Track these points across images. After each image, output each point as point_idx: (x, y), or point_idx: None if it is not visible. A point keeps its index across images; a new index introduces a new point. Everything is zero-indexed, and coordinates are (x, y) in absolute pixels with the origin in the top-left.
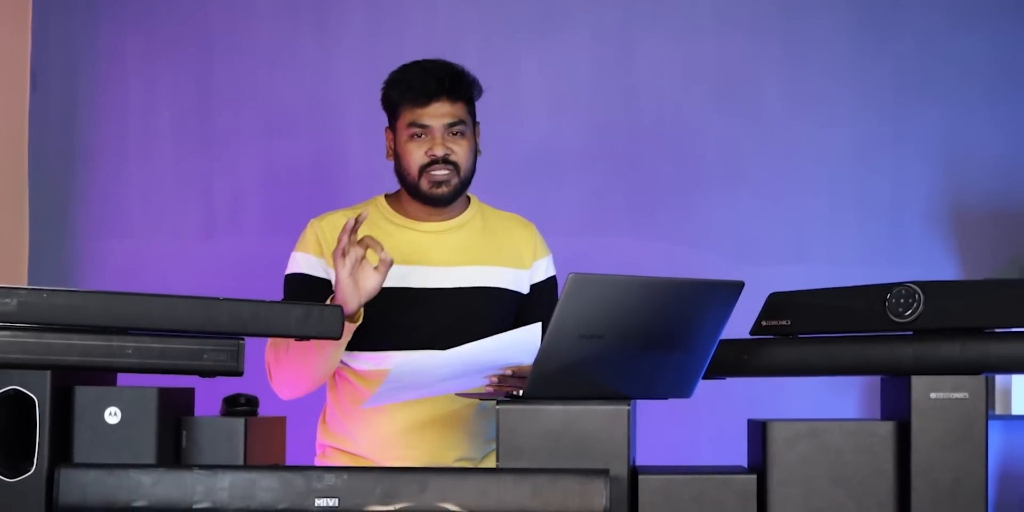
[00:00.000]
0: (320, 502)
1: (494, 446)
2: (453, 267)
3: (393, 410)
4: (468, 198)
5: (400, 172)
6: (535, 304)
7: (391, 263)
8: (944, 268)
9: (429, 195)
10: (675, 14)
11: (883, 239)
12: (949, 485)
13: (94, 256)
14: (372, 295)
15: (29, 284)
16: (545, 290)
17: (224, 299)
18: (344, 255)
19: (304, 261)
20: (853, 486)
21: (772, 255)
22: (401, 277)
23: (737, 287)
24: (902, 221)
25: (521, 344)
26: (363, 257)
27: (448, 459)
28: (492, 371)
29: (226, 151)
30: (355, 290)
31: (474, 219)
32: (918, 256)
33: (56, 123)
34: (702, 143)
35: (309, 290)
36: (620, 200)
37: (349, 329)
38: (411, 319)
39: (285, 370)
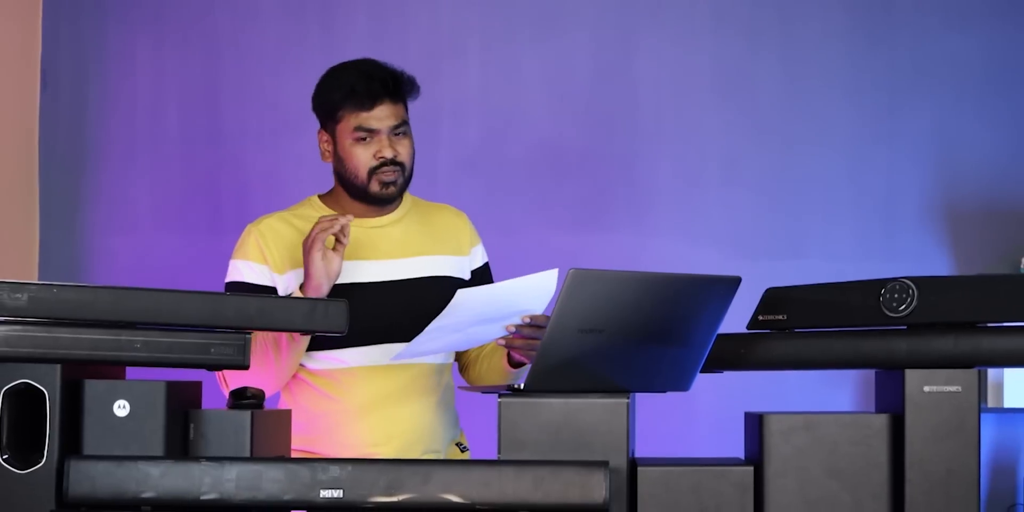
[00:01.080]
0: (325, 493)
1: (452, 436)
2: (398, 259)
3: (356, 409)
4: None
5: (344, 174)
6: None
7: (346, 243)
8: (937, 264)
9: (378, 196)
10: (673, 15)
11: (877, 235)
12: (942, 477)
13: (103, 252)
14: (336, 277)
15: (39, 279)
16: (484, 275)
17: (231, 294)
18: (314, 245)
19: (247, 269)
20: (848, 477)
21: (768, 251)
22: (349, 273)
23: (734, 282)
24: (896, 218)
25: (539, 289)
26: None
27: (416, 452)
28: (511, 319)
29: (232, 149)
30: (326, 275)
31: (410, 211)
32: (912, 252)
33: (66, 121)
34: (700, 141)
35: None
36: (620, 197)
37: None
38: (364, 314)
39: (245, 378)
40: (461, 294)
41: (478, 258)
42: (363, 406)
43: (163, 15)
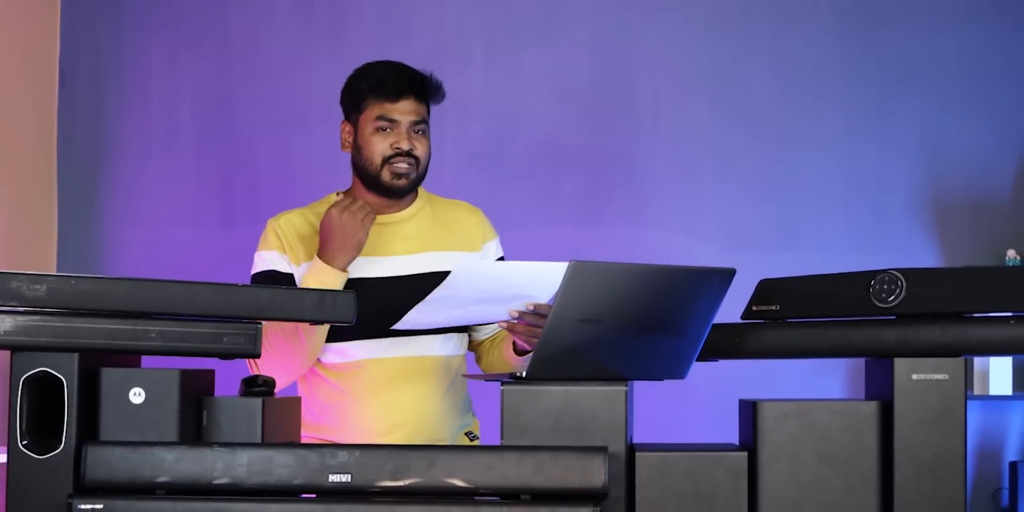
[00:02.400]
0: (334, 478)
1: (460, 425)
2: (408, 255)
3: (363, 400)
4: (416, 190)
5: (360, 163)
6: None
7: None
8: (925, 256)
9: (389, 186)
10: (670, 15)
11: (867, 229)
12: (930, 462)
13: (119, 244)
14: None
15: (58, 271)
16: None
17: (242, 285)
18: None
19: (271, 258)
20: (839, 463)
21: (762, 243)
22: (360, 268)
23: (729, 274)
24: (885, 212)
25: (546, 278)
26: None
27: (419, 440)
28: (514, 304)
29: (243, 146)
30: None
31: (424, 209)
32: (900, 244)
33: (83, 119)
34: (696, 138)
35: (278, 285)
36: (618, 191)
37: (342, 278)
38: (373, 308)
39: (275, 358)
40: (461, 266)
41: (491, 253)
42: (370, 397)
43: (177, 17)
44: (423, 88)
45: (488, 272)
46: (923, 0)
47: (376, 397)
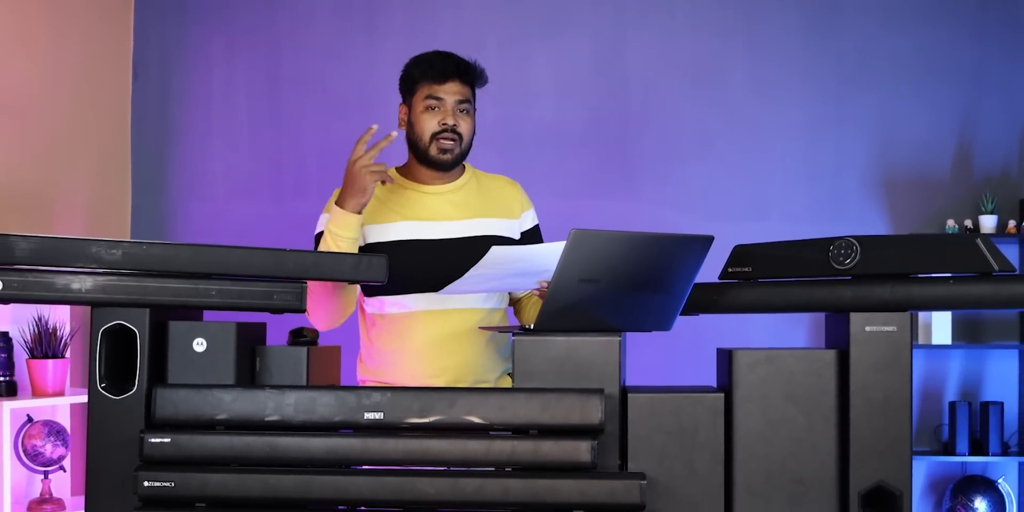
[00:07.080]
0: (368, 416)
1: (503, 368)
2: (458, 221)
3: (417, 347)
4: (463, 165)
5: (412, 138)
6: None
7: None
8: (877, 225)
9: (436, 160)
10: (658, 17)
11: (827, 201)
12: (880, 402)
13: (184, 215)
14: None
15: (131, 238)
16: (534, 236)
17: (290, 250)
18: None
19: None
20: (803, 402)
21: (737, 214)
22: (416, 231)
23: (708, 240)
24: (842, 187)
25: None
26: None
27: (467, 381)
28: (544, 276)
29: (291, 130)
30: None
31: (470, 181)
32: (855, 215)
33: (153, 107)
34: (680, 123)
35: None
36: (613, 169)
37: (356, 220)
38: (427, 266)
39: (318, 304)
40: (494, 250)
41: (528, 221)
42: (423, 343)
43: (233, 18)
44: (467, 71)
45: (517, 253)
46: (877, 3)
47: (428, 344)
